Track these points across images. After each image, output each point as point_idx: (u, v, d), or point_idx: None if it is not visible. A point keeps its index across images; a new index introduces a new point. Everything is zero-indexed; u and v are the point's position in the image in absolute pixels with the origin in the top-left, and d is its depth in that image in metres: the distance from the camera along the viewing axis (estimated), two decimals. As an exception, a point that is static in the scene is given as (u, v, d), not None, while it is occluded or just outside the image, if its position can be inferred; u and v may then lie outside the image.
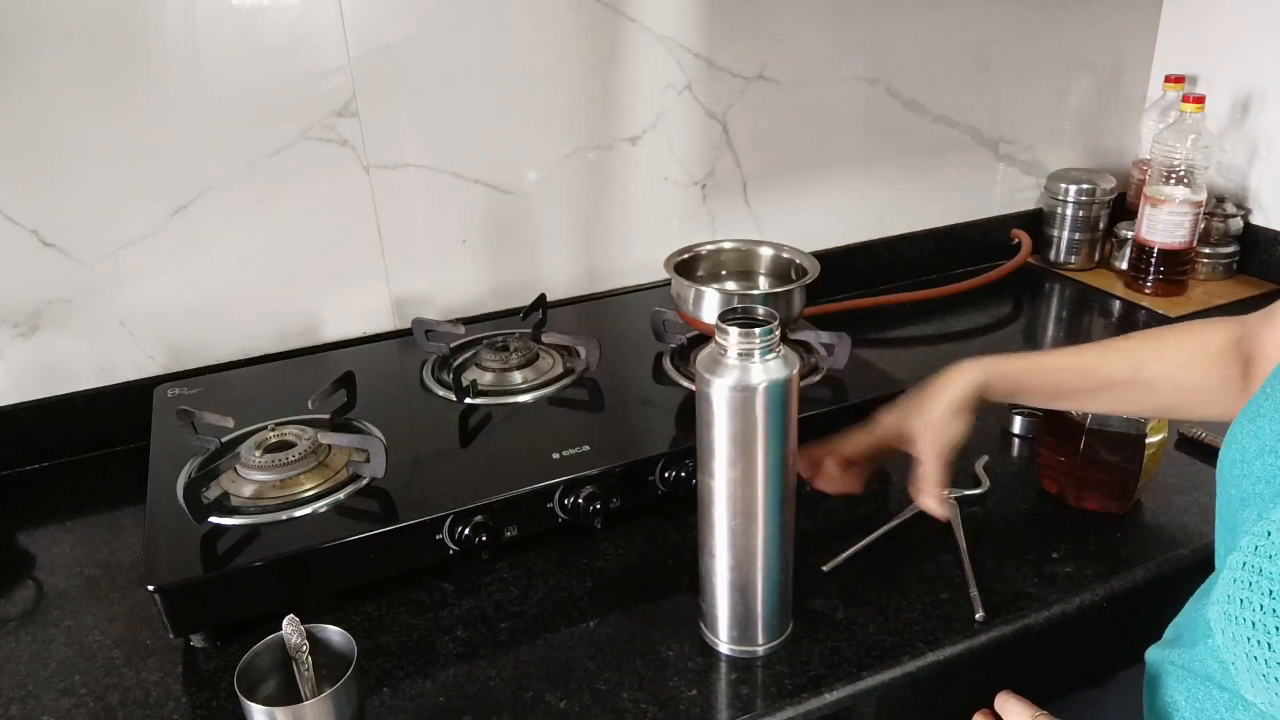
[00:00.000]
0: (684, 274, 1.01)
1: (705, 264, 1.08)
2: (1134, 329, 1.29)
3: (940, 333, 1.29)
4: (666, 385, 0.98)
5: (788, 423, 0.64)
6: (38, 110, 0.92)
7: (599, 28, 1.12)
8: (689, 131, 1.22)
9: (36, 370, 1.01)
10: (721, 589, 0.69)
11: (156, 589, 0.70)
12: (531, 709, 0.67)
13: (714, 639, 0.72)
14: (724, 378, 0.62)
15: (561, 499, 0.81)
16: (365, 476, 0.81)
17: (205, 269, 1.05)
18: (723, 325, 0.62)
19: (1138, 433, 0.82)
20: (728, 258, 1.09)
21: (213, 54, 0.97)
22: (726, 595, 0.69)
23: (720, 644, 0.71)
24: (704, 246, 1.08)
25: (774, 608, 0.70)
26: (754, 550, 0.67)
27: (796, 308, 0.98)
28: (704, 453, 0.66)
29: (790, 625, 0.72)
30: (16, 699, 0.71)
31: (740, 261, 1.09)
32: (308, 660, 0.63)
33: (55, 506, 0.96)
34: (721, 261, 1.09)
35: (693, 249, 1.07)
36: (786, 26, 1.21)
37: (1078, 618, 0.76)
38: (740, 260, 1.09)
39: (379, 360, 1.06)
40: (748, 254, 1.09)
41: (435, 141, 1.09)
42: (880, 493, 0.90)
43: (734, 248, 1.09)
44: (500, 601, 0.78)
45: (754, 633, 0.70)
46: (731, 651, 0.71)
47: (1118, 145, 1.54)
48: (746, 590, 0.69)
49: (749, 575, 0.68)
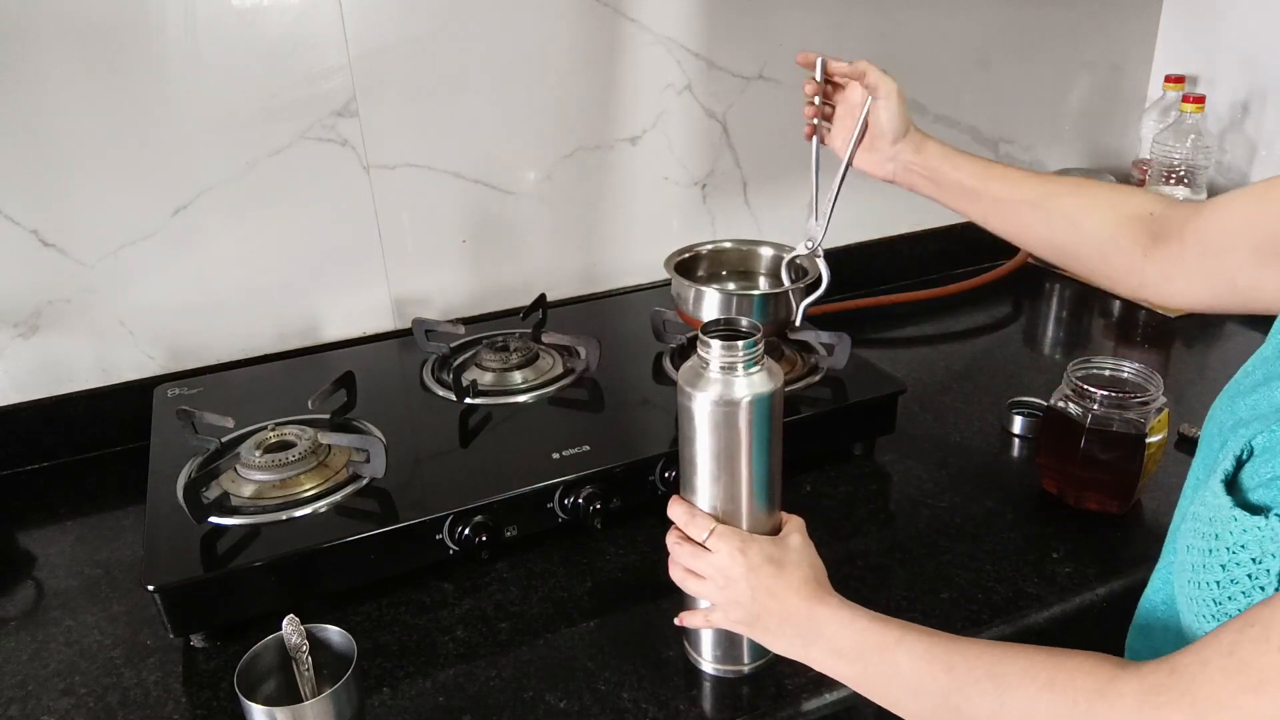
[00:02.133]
0: (684, 274, 1.00)
1: (706, 263, 1.07)
2: (1134, 329, 1.29)
3: (940, 333, 1.29)
4: (666, 385, 0.98)
5: (772, 437, 0.63)
6: (38, 110, 0.92)
7: (599, 28, 1.12)
8: (689, 131, 1.22)
9: (36, 370, 1.01)
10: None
11: (156, 589, 0.70)
12: (531, 709, 0.67)
13: (698, 658, 0.70)
14: (706, 391, 0.60)
15: (561, 499, 0.81)
16: (365, 476, 0.81)
17: (205, 269, 1.05)
18: (705, 338, 0.61)
19: (1138, 433, 0.82)
20: (729, 257, 1.09)
21: (213, 54, 0.97)
22: None
23: (704, 663, 0.70)
24: (704, 246, 1.07)
25: None
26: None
27: (797, 309, 0.96)
28: (686, 468, 0.64)
29: None
30: (16, 699, 0.71)
31: (741, 261, 1.09)
32: (308, 660, 0.63)
33: (55, 506, 0.96)
34: (722, 261, 1.08)
35: (693, 248, 1.06)
36: (787, 26, 1.21)
37: (1078, 618, 0.76)
38: (741, 259, 1.09)
39: (379, 360, 1.06)
40: (748, 253, 1.09)
41: (435, 141, 1.09)
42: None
43: (734, 247, 1.09)
44: (500, 601, 0.78)
45: (739, 652, 0.69)
46: (716, 671, 0.69)
47: (1118, 145, 1.54)
48: None
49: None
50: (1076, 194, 0.75)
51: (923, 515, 0.88)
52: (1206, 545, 0.48)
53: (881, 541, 0.84)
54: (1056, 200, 0.75)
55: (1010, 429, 1.01)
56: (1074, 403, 0.85)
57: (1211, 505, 0.48)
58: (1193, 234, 0.66)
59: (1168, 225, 0.68)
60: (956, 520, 0.87)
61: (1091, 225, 0.73)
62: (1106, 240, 0.72)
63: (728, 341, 0.60)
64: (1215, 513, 0.48)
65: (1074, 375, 0.85)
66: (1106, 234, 0.72)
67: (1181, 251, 0.67)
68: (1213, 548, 0.47)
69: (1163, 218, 0.69)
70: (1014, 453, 0.99)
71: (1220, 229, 0.64)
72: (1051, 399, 0.87)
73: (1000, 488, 0.92)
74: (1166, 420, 0.84)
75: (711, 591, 0.64)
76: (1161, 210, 0.70)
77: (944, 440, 1.00)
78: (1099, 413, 0.83)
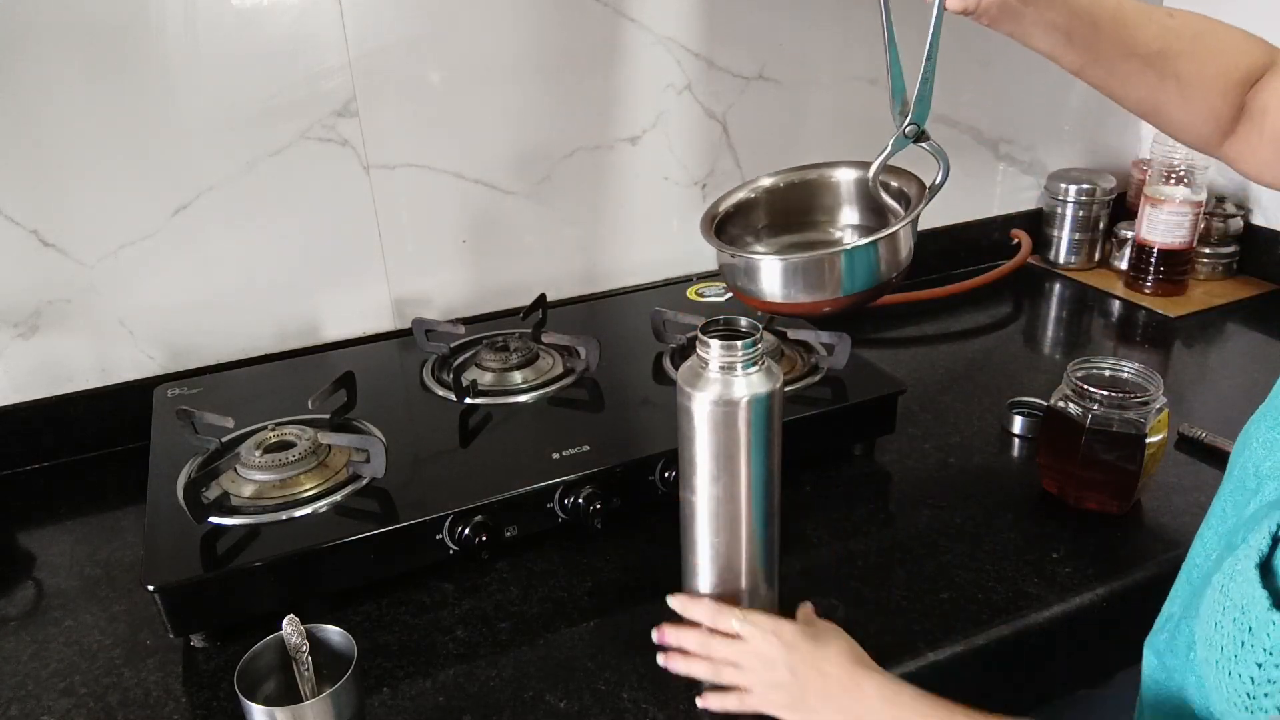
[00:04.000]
0: (730, 237, 0.75)
1: (751, 218, 0.79)
2: (1134, 330, 1.29)
3: (940, 333, 1.29)
4: (666, 385, 0.98)
5: (771, 437, 0.63)
6: (38, 110, 0.92)
7: (599, 28, 1.12)
8: (689, 131, 1.22)
9: (36, 370, 1.01)
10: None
11: (156, 589, 0.70)
12: (531, 709, 0.67)
13: None
14: (705, 391, 0.61)
15: (561, 499, 0.81)
16: (365, 476, 0.81)
17: (205, 269, 1.05)
18: (704, 338, 0.61)
19: (1138, 433, 0.82)
20: (779, 201, 0.79)
21: (213, 54, 0.97)
22: None
23: None
24: (740, 192, 0.79)
25: None
26: (738, 568, 0.66)
27: (906, 250, 0.68)
28: (685, 468, 0.65)
29: None
30: (16, 699, 0.71)
31: (802, 201, 0.79)
32: (308, 660, 0.63)
33: (55, 506, 0.96)
34: (775, 209, 0.79)
35: (729, 200, 0.78)
36: (787, 26, 1.21)
37: (1078, 617, 0.76)
38: (802, 199, 0.79)
39: (379, 360, 1.06)
40: (811, 185, 0.78)
41: (435, 141, 1.09)
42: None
43: (784, 183, 0.79)
44: (500, 601, 0.78)
45: None
46: None
47: (1118, 145, 1.54)
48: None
49: (733, 593, 0.67)
50: (1194, 54, 0.65)
51: (923, 515, 0.88)
52: (1239, 636, 0.45)
53: (881, 541, 0.84)
54: (1173, 62, 0.65)
55: (1010, 429, 1.01)
56: (1074, 403, 0.85)
57: (1245, 593, 0.46)
58: (1272, 127, 0.62)
59: (1261, 96, 0.64)
60: (956, 520, 0.87)
61: (1196, 96, 0.65)
62: (1202, 112, 0.65)
63: (727, 341, 0.60)
64: (1249, 602, 0.45)
65: (1074, 375, 0.85)
66: (1205, 108, 0.65)
67: (1260, 142, 0.63)
68: (1246, 641, 0.45)
69: (1260, 83, 0.64)
70: (1014, 453, 0.99)
71: None
72: (1051, 399, 0.87)
73: (1000, 488, 0.92)
74: (1166, 420, 0.84)
75: (752, 679, 0.63)
76: (1262, 70, 0.64)
77: (944, 440, 1.00)
78: (1099, 413, 0.83)
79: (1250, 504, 0.52)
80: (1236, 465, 0.56)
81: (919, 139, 0.66)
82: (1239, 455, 0.56)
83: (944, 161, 0.67)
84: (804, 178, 0.78)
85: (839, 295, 0.66)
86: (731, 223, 0.77)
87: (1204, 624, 0.49)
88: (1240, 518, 0.53)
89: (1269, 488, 0.50)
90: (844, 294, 0.66)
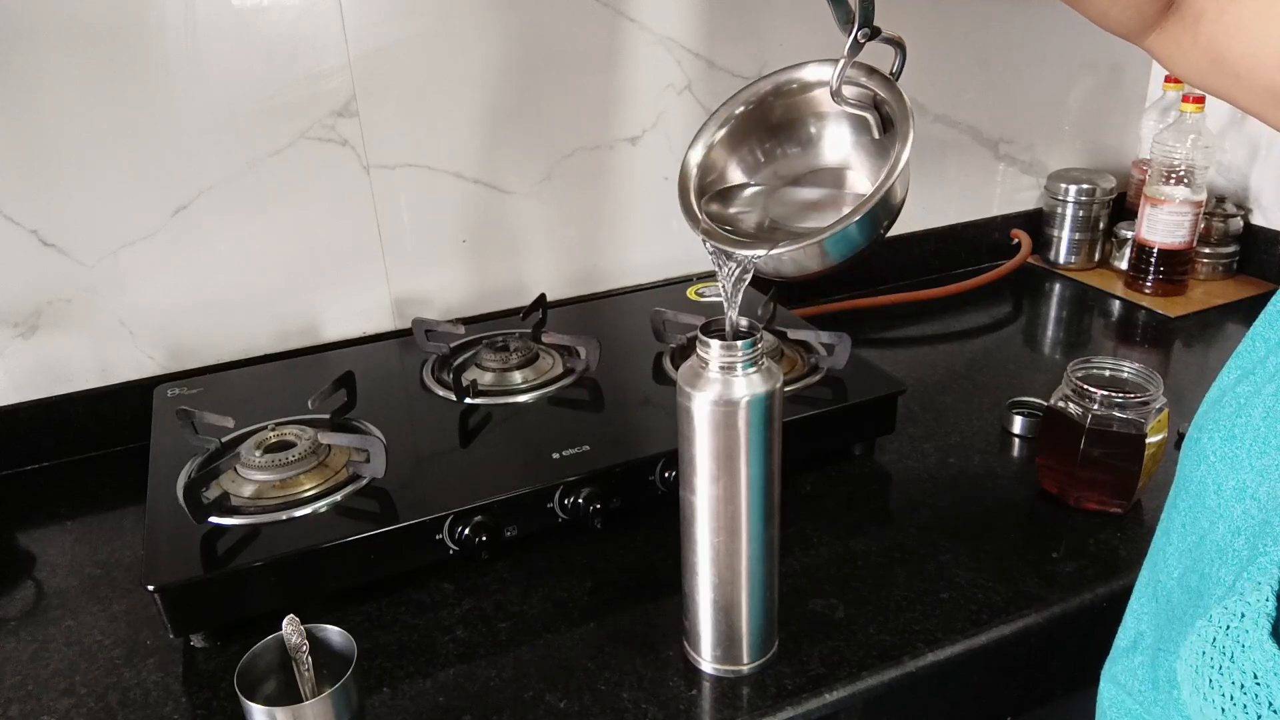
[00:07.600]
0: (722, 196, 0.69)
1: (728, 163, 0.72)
2: (1134, 329, 1.29)
3: (940, 333, 1.29)
4: (666, 385, 0.98)
5: (771, 437, 0.63)
6: (38, 110, 0.92)
7: (599, 28, 1.12)
8: (689, 132, 1.21)
9: (36, 370, 1.01)
10: (705, 608, 0.68)
11: (156, 589, 0.70)
12: (531, 709, 0.67)
13: (697, 658, 0.70)
14: (705, 391, 0.61)
15: (561, 499, 0.81)
16: (365, 476, 0.81)
17: (205, 269, 1.05)
18: (704, 337, 0.61)
19: (1138, 433, 0.82)
20: (761, 117, 0.71)
21: (212, 54, 0.97)
22: (710, 614, 0.68)
23: (704, 663, 0.70)
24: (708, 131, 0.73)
25: (759, 626, 0.69)
26: (738, 568, 0.66)
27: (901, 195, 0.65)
28: (685, 468, 0.64)
29: (776, 644, 0.71)
30: (16, 699, 0.71)
31: (786, 112, 0.71)
32: (308, 660, 0.63)
33: (55, 506, 0.96)
34: (755, 132, 0.73)
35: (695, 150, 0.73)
36: (787, 26, 1.21)
37: (1078, 617, 0.76)
38: (785, 112, 0.71)
39: (379, 360, 1.06)
40: (784, 104, 0.70)
41: (436, 141, 1.09)
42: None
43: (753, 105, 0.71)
44: (500, 601, 0.78)
45: (738, 652, 0.69)
46: (715, 671, 0.69)
47: (1118, 145, 1.54)
48: (730, 609, 0.67)
49: (733, 594, 0.67)
50: None
51: (923, 515, 0.88)
52: (1256, 710, 0.39)
53: (881, 541, 0.84)
54: None
55: (1010, 429, 1.01)
56: (1074, 403, 0.85)
57: (1256, 660, 0.39)
58: (1207, 34, 0.55)
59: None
60: (956, 520, 0.87)
61: None
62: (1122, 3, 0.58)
63: (726, 341, 0.60)
64: (1262, 670, 0.39)
65: (1074, 375, 0.85)
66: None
67: (1192, 46, 0.56)
68: (1264, 715, 0.39)
69: None
70: (1014, 453, 0.99)
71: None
72: (1051, 399, 0.87)
73: (1000, 488, 0.92)
74: (1166, 420, 0.84)
75: None
76: None
77: (944, 440, 1.00)
78: (1099, 413, 0.83)
79: (1218, 526, 0.47)
80: (1192, 480, 0.51)
81: (872, 37, 0.63)
82: (1193, 469, 0.51)
83: (900, 50, 0.64)
84: (773, 94, 0.71)
85: (835, 264, 0.63)
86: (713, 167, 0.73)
87: (1195, 680, 0.43)
88: (1201, 537, 0.49)
89: (1235, 510, 0.46)
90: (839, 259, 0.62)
